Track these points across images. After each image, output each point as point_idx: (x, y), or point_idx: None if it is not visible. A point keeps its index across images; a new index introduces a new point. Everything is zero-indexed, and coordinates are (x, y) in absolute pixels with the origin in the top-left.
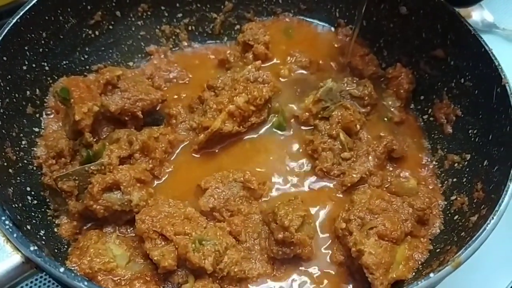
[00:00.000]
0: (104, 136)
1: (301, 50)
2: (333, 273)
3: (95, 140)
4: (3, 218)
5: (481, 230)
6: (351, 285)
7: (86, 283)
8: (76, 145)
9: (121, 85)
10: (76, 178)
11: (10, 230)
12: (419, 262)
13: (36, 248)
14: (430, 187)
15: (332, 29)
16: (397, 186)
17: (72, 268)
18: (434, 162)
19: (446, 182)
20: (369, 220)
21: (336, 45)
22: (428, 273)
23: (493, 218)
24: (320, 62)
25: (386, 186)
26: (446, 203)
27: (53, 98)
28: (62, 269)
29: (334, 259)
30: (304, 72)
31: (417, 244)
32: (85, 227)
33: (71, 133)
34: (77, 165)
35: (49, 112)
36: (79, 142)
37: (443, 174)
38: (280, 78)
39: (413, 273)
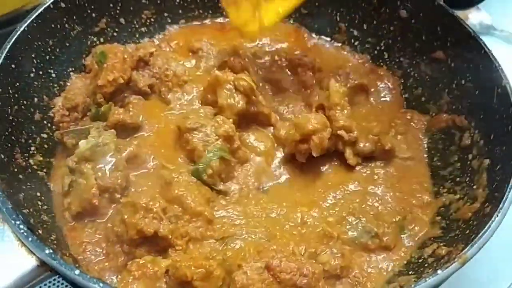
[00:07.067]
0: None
1: None
2: None
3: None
4: (18, 222)
5: (486, 227)
6: None
7: (101, 284)
8: (91, 104)
9: (152, 62)
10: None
11: (25, 234)
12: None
13: (51, 251)
14: None
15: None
16: None
17: None
18: (438, 163)
19: (449, 182)
20: None
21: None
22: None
23: (497, 215)
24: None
25: None
26: (448, 202)
27: (92, 58)
28: (77, 271)
29: None
30: None
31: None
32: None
33: (91, 93)
34: (88, 121)
35: (78, 70)
36: (92, 99)
37: (445, 174)
38: None
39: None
